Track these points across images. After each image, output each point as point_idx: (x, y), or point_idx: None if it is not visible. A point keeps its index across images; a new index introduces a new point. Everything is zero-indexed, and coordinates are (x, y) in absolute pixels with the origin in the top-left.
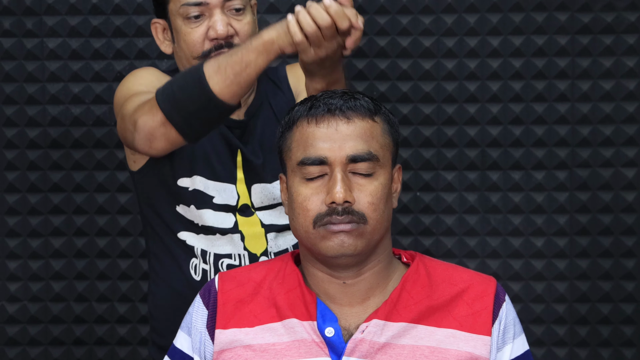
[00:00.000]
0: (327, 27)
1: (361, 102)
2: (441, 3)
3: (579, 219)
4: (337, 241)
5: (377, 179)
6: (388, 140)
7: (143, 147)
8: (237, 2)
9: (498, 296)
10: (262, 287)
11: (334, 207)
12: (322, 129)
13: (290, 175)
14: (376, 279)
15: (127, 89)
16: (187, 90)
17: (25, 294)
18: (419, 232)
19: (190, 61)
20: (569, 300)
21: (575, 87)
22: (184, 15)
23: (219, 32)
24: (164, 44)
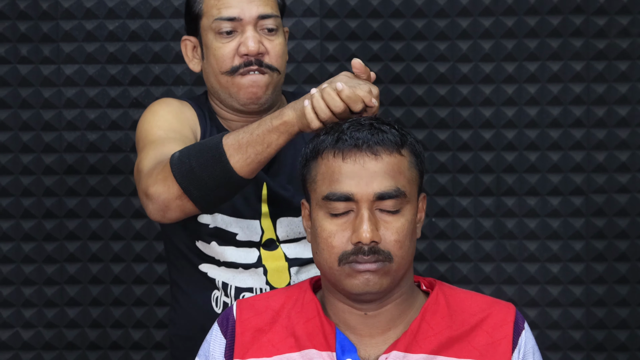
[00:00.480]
0: (341, 112)
1: (388, 136)
2: (455, 30)
3: (595, 245)
4: (362, 279)
5: (404, 215)
6: (414, 174)
7: (155, 216)
8: (271, 21)
9: (517, 324)
10: (281, 316)
11: (360, 246)
12: (349, 164)
13: (315, 207)
14: (398, 310)
15: (145, 132)
16: (207, 167)
17: (40, 320)
18: (434, 257)
19: (218, 77)
20: (585, 327)
21: (590, 113)
22: (216, 30)
23: (250, 48)
24: (192, 61)
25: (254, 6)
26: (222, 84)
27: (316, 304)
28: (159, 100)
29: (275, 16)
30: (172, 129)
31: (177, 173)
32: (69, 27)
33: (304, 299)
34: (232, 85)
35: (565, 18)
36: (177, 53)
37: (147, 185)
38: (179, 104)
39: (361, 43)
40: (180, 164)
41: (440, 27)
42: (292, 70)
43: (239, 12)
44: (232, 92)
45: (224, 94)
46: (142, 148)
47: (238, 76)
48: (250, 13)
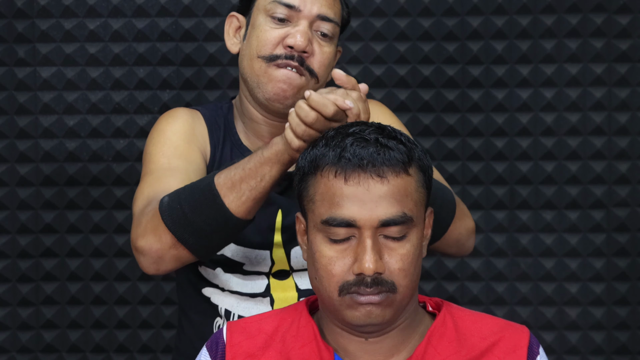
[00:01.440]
0: (314, 122)
1: (395, 154)
2: (465, 30)
3: (617, 263)
4: (364, 311)
5: (410, 240)
6: (422, 193)
7: (149, 269)
8: (329, 27)
9: (532, 349)
10: (274, 340)
11: (362, 277)
12: (351, 187)
13: (312, 229)
14: (401, 336)
15: (148, 155)
16: (200, 211)
17: (37, 344)
18: (442, 276)
19: (253, 60)
20: (606, 352)
21: (612, 120)
22: (269, 12)
23: (298, 42)
24: (231, 40)
25: (318, 3)
26: (254, 69)
27: (313, 328)
28: (169, 114)
29: (335, 23)
30: (177, 154)
31: (169, 220)
32: (45, 26)
33: (299, 321)
34: (264, 74)
35: (584, 17)
36: (163, 54)
37: (136, 236)
38: (190, 119)
39: (363, 44)
40: (170, 210)
41: (449, 27)
42: None
43: (299, 2)
44: (262, 81)
45: (253, 81)
46: (142, 176)
47: (273, 66)
48: (312, 8)
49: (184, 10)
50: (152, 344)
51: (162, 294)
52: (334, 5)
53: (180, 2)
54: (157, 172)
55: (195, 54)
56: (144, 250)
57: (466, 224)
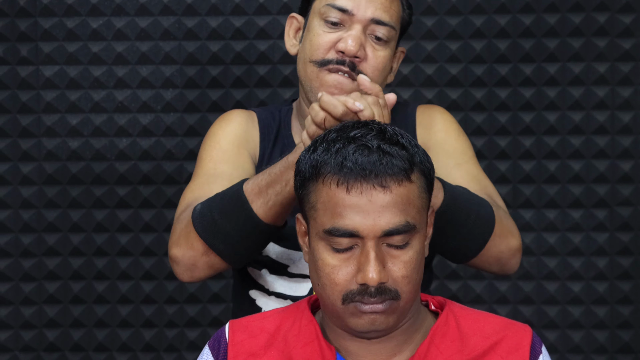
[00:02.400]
0: (322, 122)
1: (397, 162)
2: (468, 29)
3: (621, 262)
4: (368, 319)
5: (413, 247)
6: (425, 198)
7: (183, 277)
8: (384, 30)
9: (534, 348)
10: (276, 339)
11: (365, 287)
12: (354, 197)
13: (314, 236)
14: (404, 335)
15: (200, 158)
16: (229, 218)
17: (40, 343)
18: (445, 275)
19: (306, 65)
20: (609, 351)
21: (615, 119)
22: (323, 15)
23: (349, 47)
24: (291, 41)
25: (372, 6)
26: (307, 73)
27: (315, 327)
28: (224, 117)
29: (391, 26)
30: (225, 158)
31: (200, 228)
32: (48, 25)
33: (301, 321)
34: (316, 79)
35: (587, 16)
36: (166, 53)
37: (171, 245)
38: (243, 122)
39: None
40: (201, 217)
41: (452, 26)
42: (290, 72)
43: (352, 6)
44: (314, 85)
45: (307, 85)
46: (192, 178)
47: (325, 70)
48: (365, 12)
49: (186, 9)
50: (155, 343)
51: (164, 293)
52: (390, 8)
53: (183, 1)
54: (202, 177)
55: (198, 52)
56: (177, 259)
57: (509, 243)
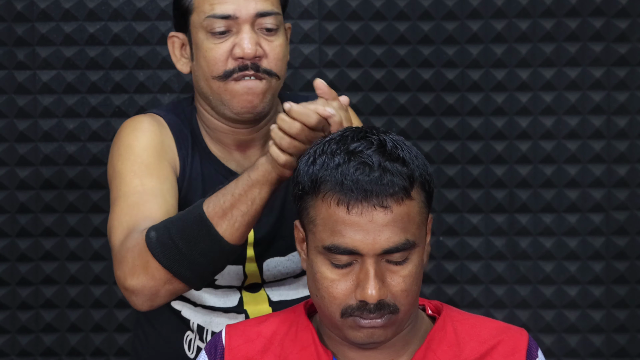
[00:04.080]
0: (299, 132)
1: (397, 181)
2: (465, 34)
3: (616, 266)
4: (366, 332)
5: (412, 261)
6: (424, 213)
7: (143, 307)
8: (271, 20)
9: (530, 352)
10: (273, 344)
11: (365, 303)
12: (354, 216)
13: (313, 249)
14: (401, 342)
15: (118, 174)
16: (195, 244)
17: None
18: (442, 279)
19: (209, 81)
20: (605, 355)
21: (611, 123)
22: (208, 28)
23: (247, 51)
24: (180, 61)
25: (252, 2)
26: (213, 89)
27: (312, 331)
28: (134, 126)
29: (275, 13)
30: (149, 172)
31: (162, 257)
32: (45, 29)
33: (298, 325)
34: (225, 92)
35: (583, 21)
36: (164, 58)
37: (124, 276)
38: (157, 130)
39: (363, 47)
40: (162, 246)
41: (449, 31)
42: (288, 77)
43: (234, 10)
44: (225, 99)
45: (216, 100)
46: (115, 200)
47: (231, 81)
48: (248, 10)
49: None
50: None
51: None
52: None
53: None
54: (132, 196)
55: None
56: (136, 290)
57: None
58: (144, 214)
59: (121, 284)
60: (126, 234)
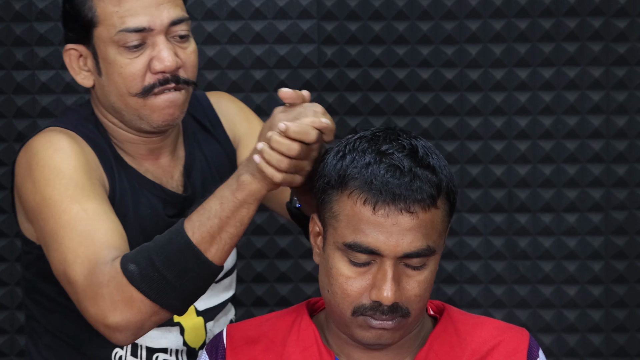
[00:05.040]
0: (299, 152)
1: (426, 188)
2: (464, 33)
3: (615, 266)
4: (375, 334)
5: (429, 267)
6: (447, 222)
7: (126, 342)
8: (183, 27)
9: (531, 351)
10: (275, 344)
11: (379, 304)
12: (379, 217)
13: (331, 244)
14: (407, 343)
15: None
16: (186, 274)
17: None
18: (441, 279)
19: (124, 98)
20: (605, 355)
21: (610, 123)
22: (120, 43)
23: (167, 64)
24: (80, 74)
25: (165, 10)
26: (130, 105)
27: (314, 331)
28: (55, 145)
29: (186, 19)
30: (87, 195)
31: (150, 291)
32: (44, 29)
33: (300, 325)
34: (144, 107)
35: (582, 20)
36: None
37: (104, 314)
38: (78, 148)
39: (362, 47)
40: (148, 279)
41: (448, 30)
42: (287, 76)
43: (148, 21)
44: (144, 114)
45: (132, 115)
46: (56, 231)
47: (151, 96)
48: (162, 20)
49: None
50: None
51: None
52: (178, 1)
53: None
54: (78, 224)
55: None
56: (121, 326)
57: None
58: (101, 242)
59: (100, 322)
60: (89, 267)
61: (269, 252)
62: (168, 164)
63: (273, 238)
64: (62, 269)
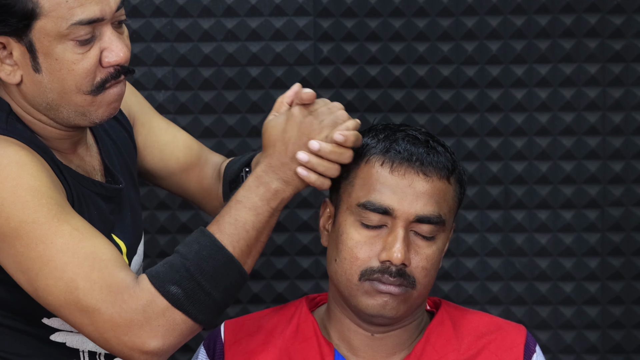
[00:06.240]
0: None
1: (442, 159)
2: (460, 30)
3: (612, 263)
4: (380, 301)
5: (437, 243)
6: (455, 204)
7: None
8: (123, 12)
9: (528, 346)
10: (274, 337)
11: (388, 265)
12: (396, 178)
13: (344, 211)
14: (406, 334)
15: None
16: (230, 291)
17: None
18: (437, 276)
19: (69, 96)
20: (601, 351)
21: (606, 120)
22: (70, 37)
23: (122, 55)
24: (4, 70)
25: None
26: (74, 102)
27: (313, 323)
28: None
29: (123, 3)
30: (67, 211)
31: (198, 312)
32: None
33: (299, 318)
34: (92, 104)
35: (579, 17)
36: (158, 55)
37: (142, 342)
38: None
39: (358, 44)
40: (195, 301)
41: (444, 27)
42: (283, 73)
43: (100, 10)
44: (90, 110)
45: (71, 112)
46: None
47: (102, 92)
48: (110, 7)
49: (179, 11)
50: None
51: None
52: None
53: (175, 3)
54: (80, 247)
55: (190, 54)
56: (162, 351)
57: None
58: (110, 262)
59: (137, 350)
60: (110, 293)
61: (265, 249)
62: (85, 153)
63: (270, 236)
64: (73, 298)
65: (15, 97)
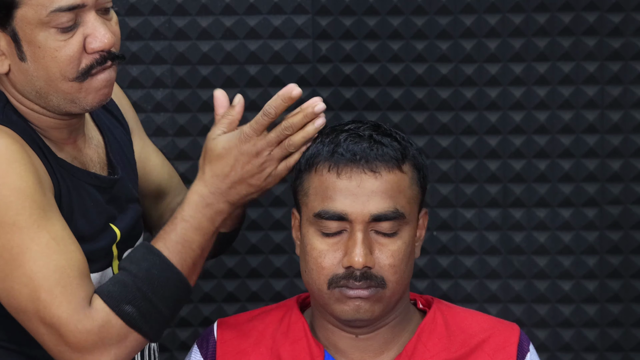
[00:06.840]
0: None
1: (388, 151)
2: (458, 28)
3: (610, 261)
4: (352, 306)
5: (401, 237)
6: (416, 191)
7: None
8: (109, 2)
9: (521, 346)
10: (265, 337)
11: (351, 270)
12: (344, 180)
13: (305, 223)
14: (391, 333)
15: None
16: (179, 305)
17: None
18: (435, 274)
19: (56, 83)
20: (599, 349)
21: (605, 118)
22: (51, 24)
23: (106, 41)
24: None
25: None
26: (62, 90)
27: (303, 325)
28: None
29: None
30: (49, 216)
31: (151, 329)
32: None
33: (290, 318)
34: (80, 91)
35: (577, 15)
36: (157, 53)
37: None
38: (25, 154)
39: (356, 42)
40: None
41: (442, 25)
42: (282, 72)
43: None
44: (78, 97)
45: (62, 100)
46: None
47: (89, 78)
48: None
49: (177, 9)
50: None
51: None
52: None
53: (174, 1)
54: (51, 259)
55: (189, 52)
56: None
57: None
58: (76, 278)
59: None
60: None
61: (263, 248)
62: (84, 145)
63: (268, 234)
64: (34, 307)
65: (7, 88)
